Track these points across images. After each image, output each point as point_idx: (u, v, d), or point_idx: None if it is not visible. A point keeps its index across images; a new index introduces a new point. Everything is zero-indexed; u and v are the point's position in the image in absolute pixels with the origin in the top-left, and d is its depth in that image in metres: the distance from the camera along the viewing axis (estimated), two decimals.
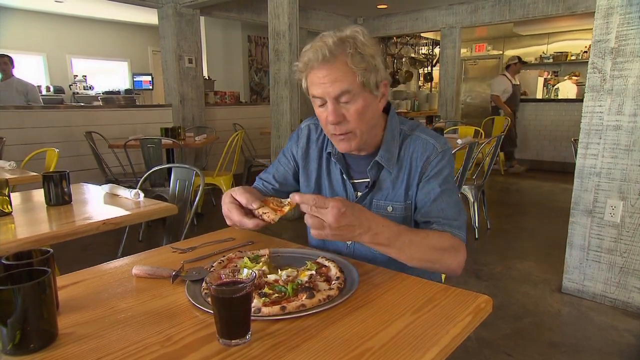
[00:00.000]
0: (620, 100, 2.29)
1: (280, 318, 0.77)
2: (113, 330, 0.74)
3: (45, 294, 0.68)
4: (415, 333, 0.73)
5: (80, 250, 3.30)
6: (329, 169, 1.20)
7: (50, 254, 0.79)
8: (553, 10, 5.54)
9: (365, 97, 1.01)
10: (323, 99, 1.01)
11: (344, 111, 1.01)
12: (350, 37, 0.99)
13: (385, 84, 1.05)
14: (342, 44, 0.97)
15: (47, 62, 8.62)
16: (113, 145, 3.93)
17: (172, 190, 2.07)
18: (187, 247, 1.15)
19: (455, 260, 1.00)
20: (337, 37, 0.98)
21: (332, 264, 0.96)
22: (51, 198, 1.60)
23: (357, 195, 1.16)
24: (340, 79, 0.97)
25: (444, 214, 1.06)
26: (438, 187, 1.07)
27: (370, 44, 1.00)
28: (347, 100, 1.00)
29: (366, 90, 1.00)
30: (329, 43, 0.97)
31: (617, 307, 2.42)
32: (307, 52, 1.00)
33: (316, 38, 1.01)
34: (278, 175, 1.29)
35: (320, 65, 0.98)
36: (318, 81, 0.99)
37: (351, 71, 0.97)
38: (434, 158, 1.08)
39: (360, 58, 0.97)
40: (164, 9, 5.26)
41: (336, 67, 0.97)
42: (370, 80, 1.00)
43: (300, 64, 1.02)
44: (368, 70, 0.98)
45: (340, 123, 1.02)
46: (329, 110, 1.01)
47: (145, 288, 0.91)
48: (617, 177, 2.35)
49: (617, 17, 2.25)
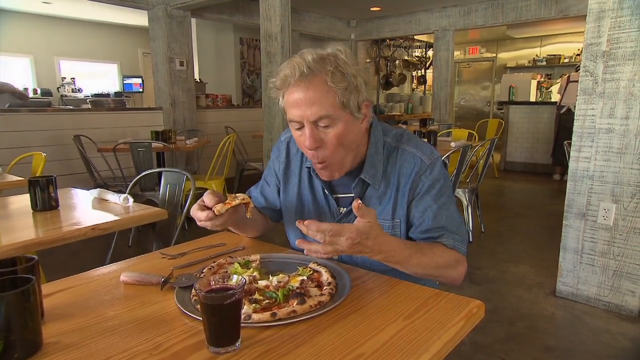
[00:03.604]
0: (612, 103, 2.32)
1: (271, 325, 0.76)
2: (100, 339, 0.74)
3: (30, 302, 0.67)
4: (408, 339, 0.73)
5: (68, 256, 3.27)
6: (312, 183, 1.16)
7: (35, 261, 0.78)
8: (546, 13, 5.61)
9: (346, 121, 0.96)
10: (300, 122, 0.96)
11: (322, 136, 0.97)
12: (332, 55, 0.95)
13: (367, 104, 1.00)
14: (322, 61, 0.94)
15: (34, 64, 8.55)
16: (102, 149, 3.90)
17: (163, 195, 2.06)
18: (177, 253, 1.14)
19: (458, 272, 1.03)
20: (317, 54, 0.95)
21: (323, 269, 0.96)
22: (37, 203, 1.58)
23: (341, 211, 1.12)
24: (319, 100, 0.93)
25: (446, 229, 1.04)
26: (434, 203, 1.04)
27: (352, 62, 0.96)
28: (326, 125, 0.95)
29: (346, 111, 0.96)
30: (308, 59, 0.93)
31: (611, 310, 2.44)
32: (284, 68, 0.95)
33: (295, 55, 0.97)
34: (265, 191, 1.26)
35: (297, 82, 0.93)
36: (295, 103, 0.95)
37: (331, 91, 0.93)
38: (422, 173, 1.05)
39: (340, 76, 0.93)
40: (154, 11, 5.25)
41: (315, 85, 0.93)
42: (351, 101, 0.95)
43: (277, 80, 0.97)
44: (349, 90, 0.94)
45: (319, 149, 0.98)
46: (307, 134, 0.96)
47: (134, 295, 0.91)
48: (610, 180, 2.37)
49: (608, 20, 2.28)
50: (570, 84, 5.65)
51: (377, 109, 8.54)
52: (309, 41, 7.83)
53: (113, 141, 4.11)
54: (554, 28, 7.99)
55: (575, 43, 8.37)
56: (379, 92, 9.20)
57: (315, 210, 1.16)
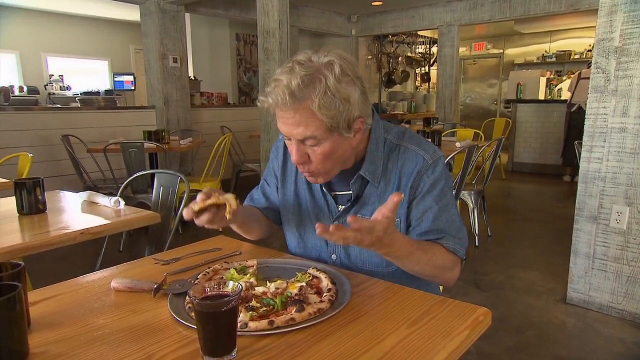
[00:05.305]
0: (626, 101, 2.33)
1: (269, 333, 0.77)
2: (89, 349, 0.74)
3: (15, 311, 0.67)
4: (411, 348, 0.73)
5: (56, 262, 3.26)
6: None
7: (21, 267, 0.78)
8: (555, 7, 5.62)
9: (334, 140, 0.98)
10: (288, 136, 1.00)
11: (309, 152, 1.00)
12: (321, 74, 0.93)
13: (362, 120, 1.00)
14: (308, 86, 0.92)
15: (20, 60, 8.56)
16: (92, 150, 3.90)
17: (156, 198, 2.06)
18: (170, 258, 1.15)
19: (452, 274, 1.06)
20: (305, 72, 0.92)
21: (323, 275, 0.96)
22: (24, 206, 1.58)
23: (340, 209, 1.14)
24: (305, 124, 0.94)
25: (447, 232, 1.06)
26: (435, 204, 1.06)
27: (345, 82, 0.94)
28: (312, 144, 0.98)
29: (334, 134, 0.97)
30: (293, 85, 0.91)
31: (624, 318, 2.44)
32: (272, 89, 0.94)
33: (286, 64, 0.96)
34: (265, 192, 1.30)
35: (283, 108, 0.94)
36: (282, 120, 0.98)
37: (317, 117, 0.93)
38: (425, 172, 1.06)
39: (329, 102, 0.92)
40: (146, 5, 5.26)
41: (301, 111, 0.93)
42: (340, 124, 0.96)
43: (265, 101, 0.97)
44: (338, 115, 0.94)
45: (305, 163, 1.02)
46: (293, 150, 1.01)
47: (125, 302, 0.91)
48: (623, 181, 2.38)
49: (621, 14, 2.29)
50: (581, 81, 5.66)
51: (379, 108, 8.56)
52: (308, 37, 7.85)
53: (103, 141, 4.11)
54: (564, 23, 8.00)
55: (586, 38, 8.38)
56: (380, 91, 9.21)
57: (313, 208, 1.18)
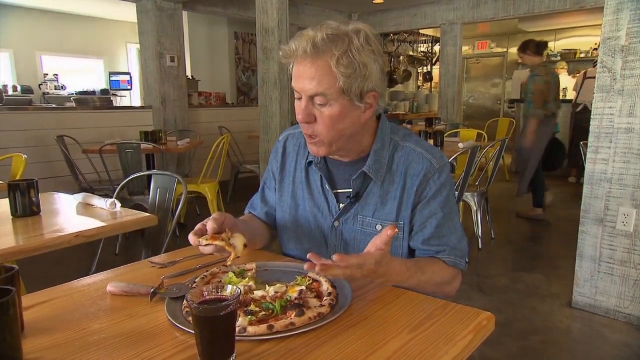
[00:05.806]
0: (632, 101, 2.33)
1: (268, 338, 0.76)
2: (84, 354, 0.73)
3: (9, 316, 0.67)
4: (412, 353, 0.73)
5: (50, 265, 3.26)
6: (308, 179, 1.19)
7: (15, 271, 0.78)
8: (560, 5, 5.62)
9: (343, 105, 0.99)
10: (299, 93, 1.02)
11: (316, 112, 1.01)
12: (347, 36, 0.97)
13: (375, 95, 1.03)
14: (332, 42, 0.96)
15: (13, 59, 8.55)
16: (87, 150, 3.90)
17: (152, 199, 2.06)
18: (167, 262, 1.14)
19: (452, 287, 1.09)
20: (331, 31, 0.97)
21: (323, 278, 0.96)
22: (17, 208, 1.58)
23: (340, 207, 1.14)
24: (319, 78, 0.97)
25: (448, 243, 1.07)
26: (440, 211, 1.07)
27: (368, 51, 0.98)
28: (321, 103, 0.99)
29: (345, 97, 0.99)
30: (318, 37, 0.96)
31: (631, 322, 2.44)
32: (295, 39, 0.99)
33: (318, 24, 1.00)
34: (265, 196, 1.30)
35: (302, 58, 0.98)
36: (297, 74, 1.00)
37: (332, 74, 0.96)
38: (431, 176, 1.07)
39: (347, 62, 0.95)
40: (143, 3, 5.26)
41: (317, 64, 0.97)
42: (353, 88, 0.98)
43: (286, 49, 1.01)
44: (352, 78, 0.97)
45: (310, 123, 1.03)
46: (301, 107, 1.02)
47: (121, 307, 0.90)
48: (630, 183, 2.37)
49: (627, 12, 2.29)
50: (587, 80, 5.66)
51: None
52: None
53: (99, 142, 4.11)
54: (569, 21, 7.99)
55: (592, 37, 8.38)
56: None
57: (311, 208, 1.18)
